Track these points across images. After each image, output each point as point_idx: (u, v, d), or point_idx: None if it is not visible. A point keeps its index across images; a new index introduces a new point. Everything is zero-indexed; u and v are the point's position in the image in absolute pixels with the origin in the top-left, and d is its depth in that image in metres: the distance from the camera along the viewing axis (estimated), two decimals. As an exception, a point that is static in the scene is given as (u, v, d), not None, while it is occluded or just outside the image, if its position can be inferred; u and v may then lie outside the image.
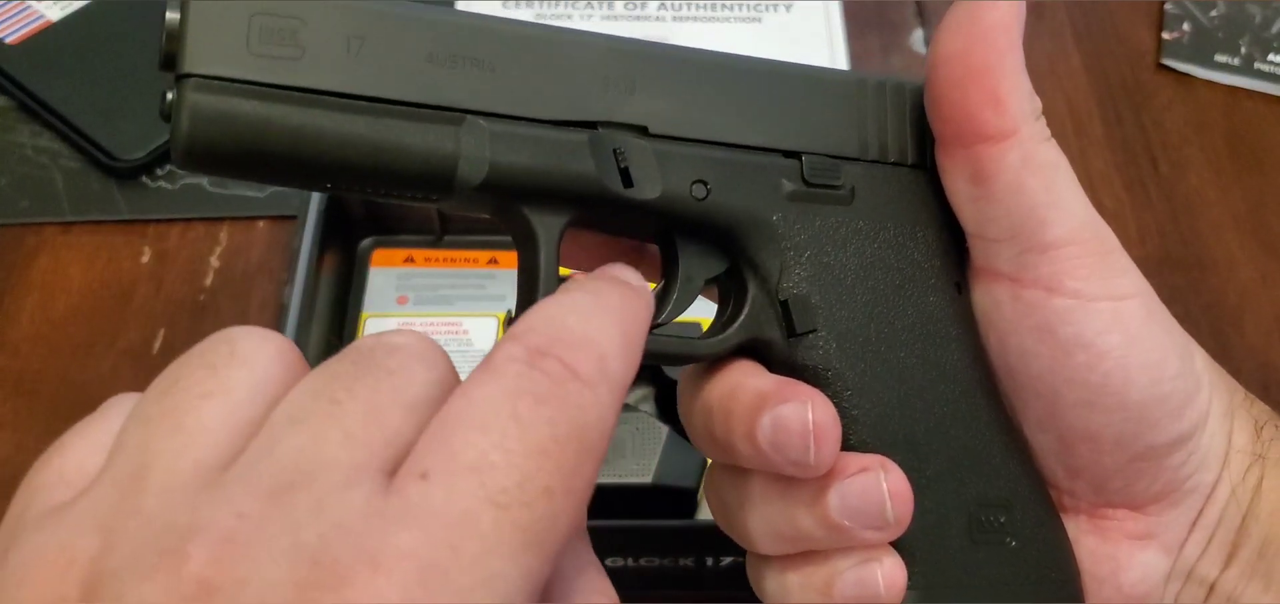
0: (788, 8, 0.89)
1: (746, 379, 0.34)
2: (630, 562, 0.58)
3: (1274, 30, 0.87)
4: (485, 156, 0.31)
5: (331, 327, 0.66)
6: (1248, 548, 0.35)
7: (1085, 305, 0.33)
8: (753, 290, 0.35)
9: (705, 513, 0.59)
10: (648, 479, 0.57)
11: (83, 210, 0.75)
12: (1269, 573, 0.35)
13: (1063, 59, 0.87)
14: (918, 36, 0.88)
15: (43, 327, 0.70)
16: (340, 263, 0.69)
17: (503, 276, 0.68)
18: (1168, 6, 0.89)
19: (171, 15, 0.30)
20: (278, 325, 0.62)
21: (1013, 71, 0.32)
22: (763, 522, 0.34)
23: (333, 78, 0.30)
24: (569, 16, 0.87)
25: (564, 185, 0.32)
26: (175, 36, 0.30)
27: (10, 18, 0.84)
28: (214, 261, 0.73)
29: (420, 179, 0.31)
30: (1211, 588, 0.35)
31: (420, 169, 0.31)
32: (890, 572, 0.33)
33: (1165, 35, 0.87)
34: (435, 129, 0.31)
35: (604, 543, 0.57)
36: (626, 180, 0.33)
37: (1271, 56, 0.86)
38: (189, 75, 0.29)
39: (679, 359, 0.35)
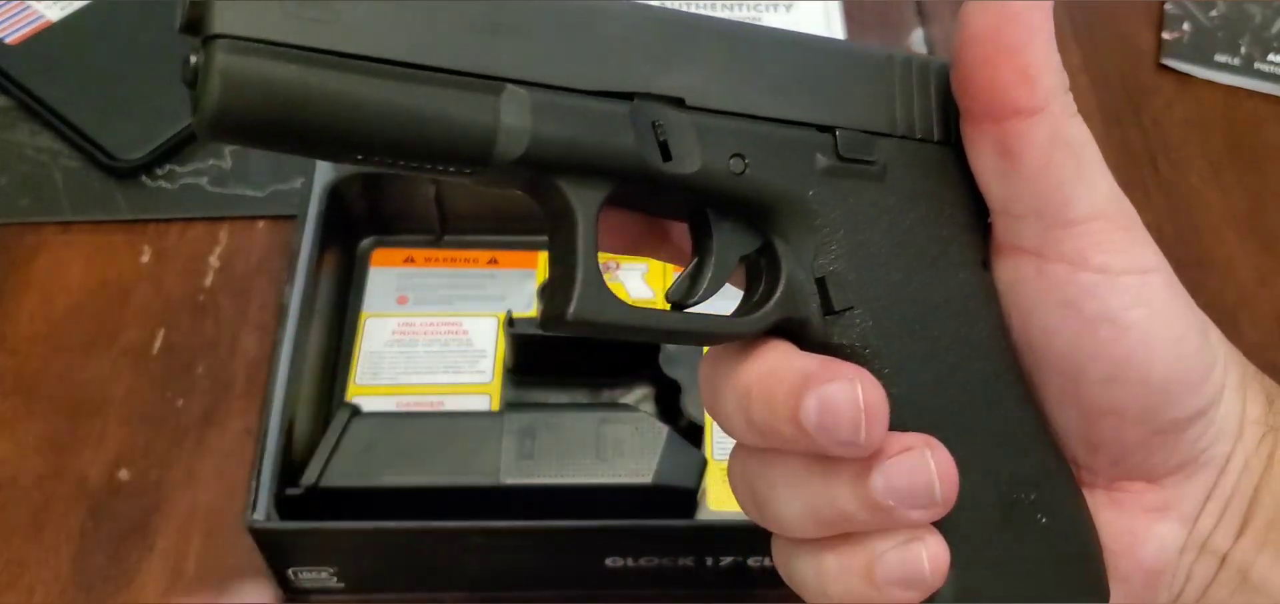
0: (788, 8, 0.89)
1: (787, 360, 0.33)
2: (630, 562, 0.58)
3: (1274, 30, 0.87)
4: (526, 127, 0.30)
5: (331, 327, 0.66)
6: (1260, 518, 0.35)
7: (1111, 280, 0.33)
8: (787, 268, 0.34)
9: (705, 513, 0.59)
10: (648, 479, 0.57)
11: (83, 210, 0.75)
12: None
13: (1063, 59, 0.87)
14: (918, 36, 0.88)
15: (42, 326, 0.70)
16: (340, 263, 0.69)
17: (503, 277, 0.68)
18: (1168, 6, 0.89)
19: None
20: (278, 325, 0.62)
21: (1045, 47, 0.32)
22: (799, 504, 0.33)
23: (370, 42, 0.29)
24: (569, 16, 0.87)
25: (604, 159, 0.31)
26: None
27: (10, 18, 0.84)
28: (214, 261, 0.73)
29: (458, 150, 0.30)
30: (1224, 559, 0.35)
31: (460, 139, 0.30)
32: (934, 551, 0.32)
33: (1165, 35, 0.87)
34: (475, 98, 0.30)
35: (604, 543, 0.57)
36: (665, 154, 0.32)
37: (1271, 56, 0.86)
38: (219, 36, 0.27)
39: (715, 338, 0.34)
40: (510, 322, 0.64)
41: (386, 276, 0.68)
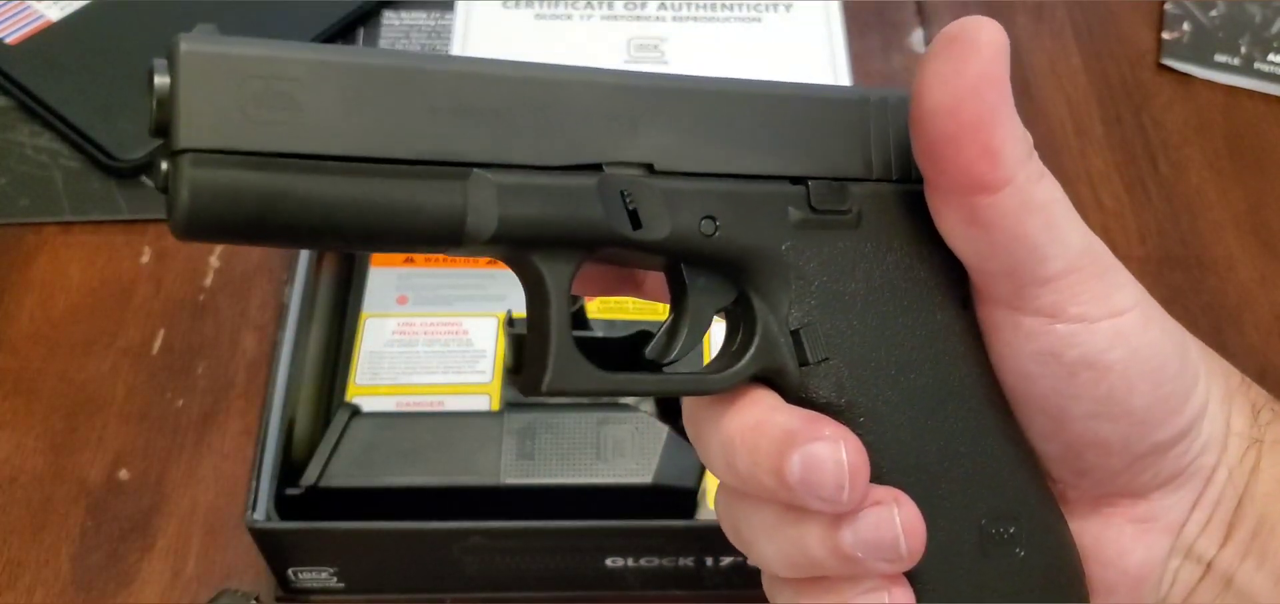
0: (788, 8, 0.89)
1: (771, 415, 0.33)
2: (630, 562, 0.58)
3: (1274, 30, 0.87)
4: (494, 211, 0.31)
5: (331, 326, 0.66)
6: (1243, 528, 0.36)
7: (1088, 327, 0.33)
8: (763, 321, 0.34)
9: (705, 513, 0.59)
10: (648, 479, 0.57)
11: (83, 210, 0.75)
12: (1263, 551, 0.35)
13: (1063, 59, 0.87)
14: (918, 36, 0.88)
15: (42, 326, 0.70)
16: (340, 263, 0.69)
17: (503, 277, 0.68)
18: (1168, 6, 0.89)
19: (161, 80, 0.29)
20: (278, 325, 0.62)
21: (1005, 121, 0.32)
22: (775, 548, 0.34)
23: (334, 140, 0.29)
24: (569, 16, 0.87)
25: (573, 232, 0.32)
26: (166, 104, 0.28)
27: (10, 18, 0.84)
28: (214, 261, 0.73)
29: (429, 236, 0.31)
30: (1209, 566, 0.36)
31: (428, 227, 0.30)
32: (898, 600, 0.33)
33: (1165, 35, 0.87)
34: (441, 185, 0.30)
35: (604, 543, 0.57)
36: (635, 222, 0.32)
37: (1271, 56, 0.86)
38: (185, 150, 0.28)
39: (692, 394, 0.35)
40: (510, 322, 0.64)
41: (386, 276, 0.68)
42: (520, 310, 0.65)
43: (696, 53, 0.85)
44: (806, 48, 0.86)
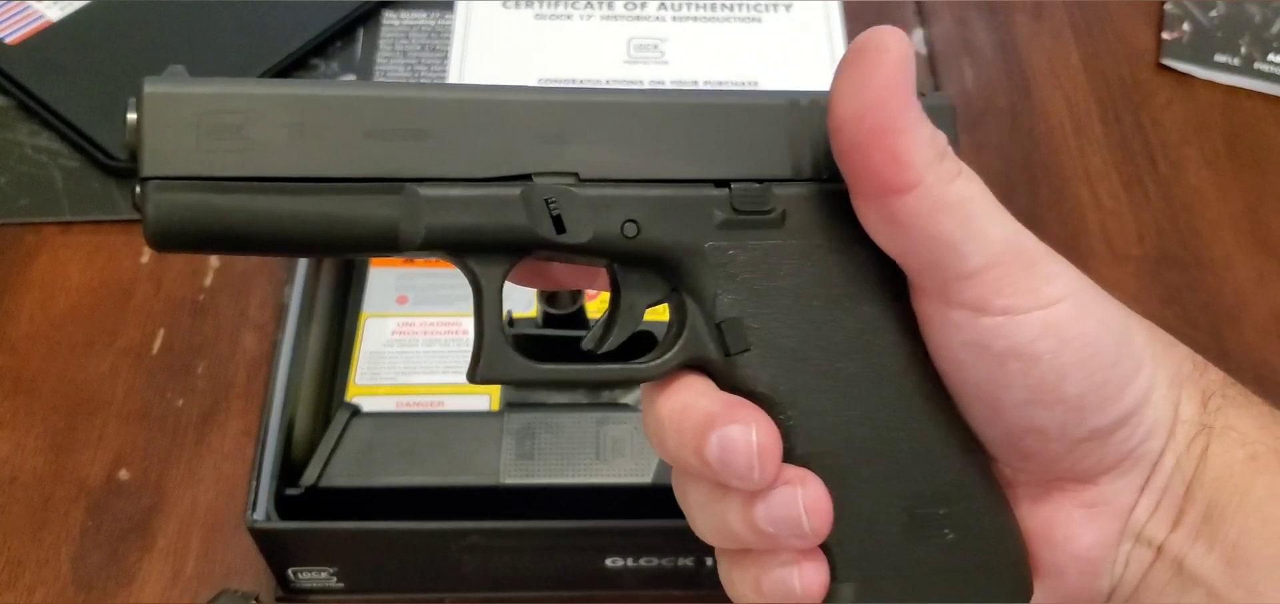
0: (788, 8, 0.89)
1: (696, 399, 0.36)
2: (630, 562, 0.58)
3: (1274, 30, 0.87)
4: (422, 220, 0.34)
5: (331, 326, 0.66)
6: (1193, 512, 0.36)
7: (1014, 319, 0.34)
8: (691, 314, 0.37)
9: (705, 512, 0.59)
10: (648, 479, 0.57)
11: (82, 210, 0.75)
12: (1213, 535, 0.36)
13: (1063, 59, 0.87)
14: (918, 36, 0.88)
15: (42, 326, 0.70)
16: (340, 263, 0.69)
17: (502, 276, 0.68)
18: (1168, 6, 0.89)
19: (131, 116, 0.33)
20: (278, 325, 0.62)
21: (910, 126, 0.33)
22: (707, 521, 0.37)
23: (278, 163, 0.33)
24: (569, 16, 0.87)
25: (499, 238, 0.35)
26: (134, 137, 0.33)
27: (10, 18, 0.84)
28: (214, 261, 0.73)
29: (367, 244, 0.35)
30: (1160, 549, 0.37)
31: (365, 236, 0.34)
32: (808, 575, 0.36)
33: (1165, 35, 0.88)
34: (375, 200, 0.34)
35: (604, 543, 0.57)
36: (559, 227, 0.35)
37: (1271, 56, 0.86)
38: (149, 179, 0.33)
39: (622, 384, 0.38)
40: (510, 322, 0.64)
41: (386, 276, 0.68)
42: (520, 310, 0.65)
43: (696, 53, 0.86)
44: (806, 48, 0.86)
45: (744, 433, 0.34)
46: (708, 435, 0.35)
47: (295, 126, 0.34)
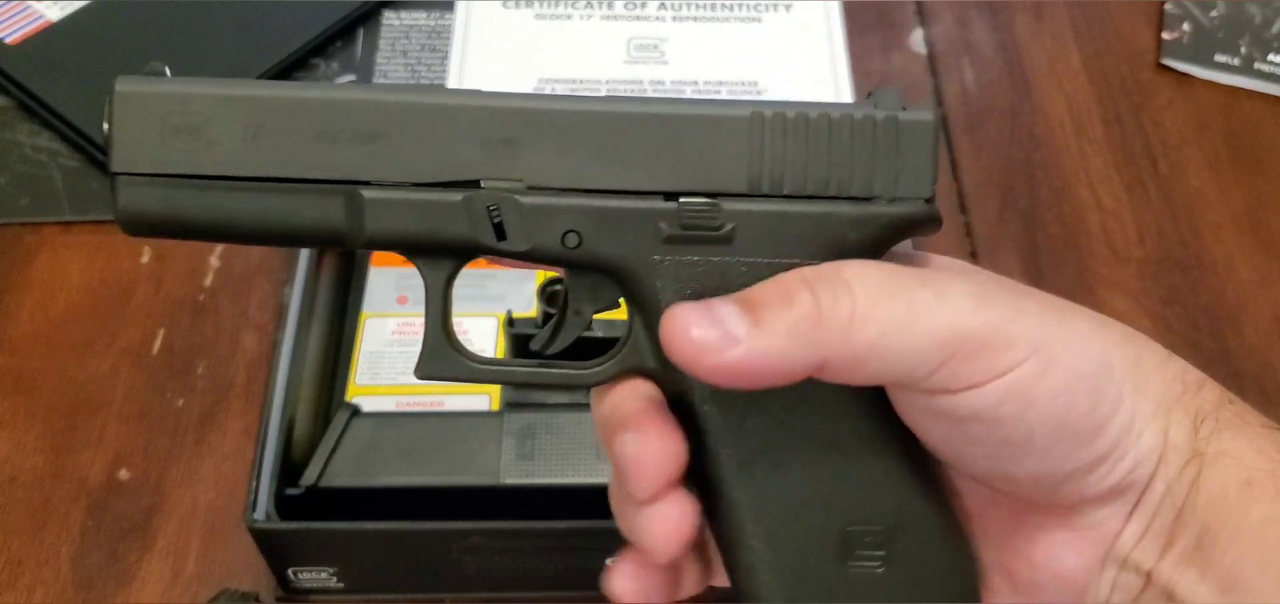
0: (788, 8, 0.89)
1: (627, 400, 0.37)
2: (630, 561, 0.58)
3: (1274, 30, 0.87)
4: (364, 224, 0.36)
5: (331, 326, 0.66)
6: (1184, 538, 0.35)
7: (976, 392, 0.33)
8: (634, 324, 0.37)
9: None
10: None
11: (83, 210, 0.75)
12: (1206, 563, 0.34)
13: (1063, 59, 0.87)
14: (918, 36, 0.88)
15: (42, 325, 0.70)
16: (340, 263, 0.69)
17: (503, 276, 0.68)
18: (1168, 6, 0.89)
19: (106, 124, 0.35)
20: (278, 325, 0.62)
21: (789, 362, 0.33)
22: (616, 504, 0.38)
23: (234, 163, 0.35)
24: (569, 16, 0.87)
25: (439, 243, 0.36)
26: (107, 134, 0.35)
27: (10, 18, 0.84)
28: (213, 261, 0.73)
29: (318, 238, 0.36)
30: (1148, 576, 0.35)
31: (314, 233, 0.36)
32: (643, 590, 0.37)
33: (1165, 35, 0.88)
34: (323, 201, 0.36)
35: (604, 543, 0.57)
36: (500, 234, 0.36)
37: (1271, 56, 0.86)
38: (118, 174, 0.35)
39: (561, 388, 0.38)
40: (510, 322, 0.64)
41: (386, 277, 0.68)
42: (520, 310, 0.65)
43: (696, 53, 0.86)
44: (806, 48, 0.86)
45: (636, 443, 0.35)
46: (615, 437, 0.35)
47: (252, 128, 0.35)
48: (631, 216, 0.36)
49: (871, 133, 0.36)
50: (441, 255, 0.37)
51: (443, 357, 0.38)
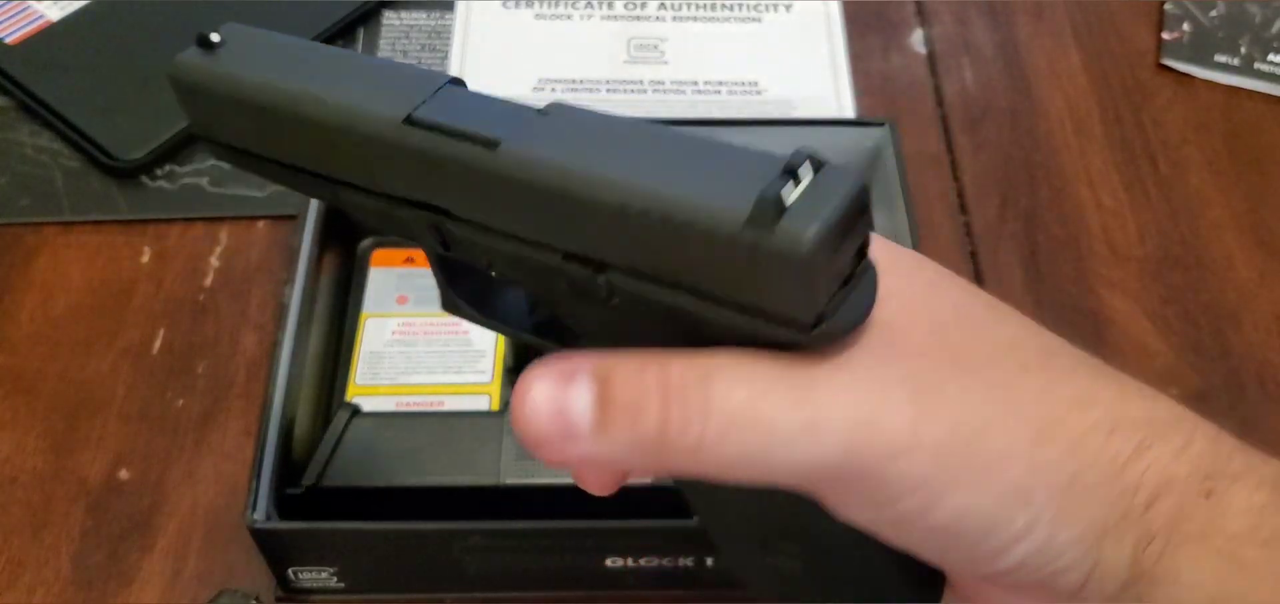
0: (788, 8, 0.89)
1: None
2: (630, 562, 0.58)
3: (1274, 30, 0.87)
4: (350, 207, 0.40)
5: (332, 327, 0.66)
6: None
7: (873, 519, 0.32)
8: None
9: (705, 513, 0.59)
10: (648, 479, 0.57)
11: (83, 210, 0.75)
12: None
13: (1063, 59, 0.87)
14: (918, 36, 0.88)
15: (42, 326, 0.70)
16: (340, 263, 0.69)
17: (502, 276, 0.68)
18: (1168, 6, 0.89)
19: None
20: (277, 325, 0.62)
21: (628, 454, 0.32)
22: None
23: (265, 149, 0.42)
24: (569, 16, 0.87)
25: (403, 233, 0.40)
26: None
27: (10, 18, 0.84)
28: (214, 261, 0.73)
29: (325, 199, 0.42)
30: None
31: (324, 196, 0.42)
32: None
33: (1165, 35, 0.88)
34: (325, 191, 0.41)
35: (604, 543, 0.57)
36: (446, 246, 0.39)
37: (1271, 56, 0.86)
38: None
39: (539, 348, 0.39)
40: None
41: (386, 277, 0.68)
42: (520, 310, 0.65)
43: (696, 53, 0.86)
44: (806, 48, 0.86)
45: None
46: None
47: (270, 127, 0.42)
48: (539, 265, 0.35)
49: (748, 255, 0.29)
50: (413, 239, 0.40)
51: (450, 301, 0.42)
